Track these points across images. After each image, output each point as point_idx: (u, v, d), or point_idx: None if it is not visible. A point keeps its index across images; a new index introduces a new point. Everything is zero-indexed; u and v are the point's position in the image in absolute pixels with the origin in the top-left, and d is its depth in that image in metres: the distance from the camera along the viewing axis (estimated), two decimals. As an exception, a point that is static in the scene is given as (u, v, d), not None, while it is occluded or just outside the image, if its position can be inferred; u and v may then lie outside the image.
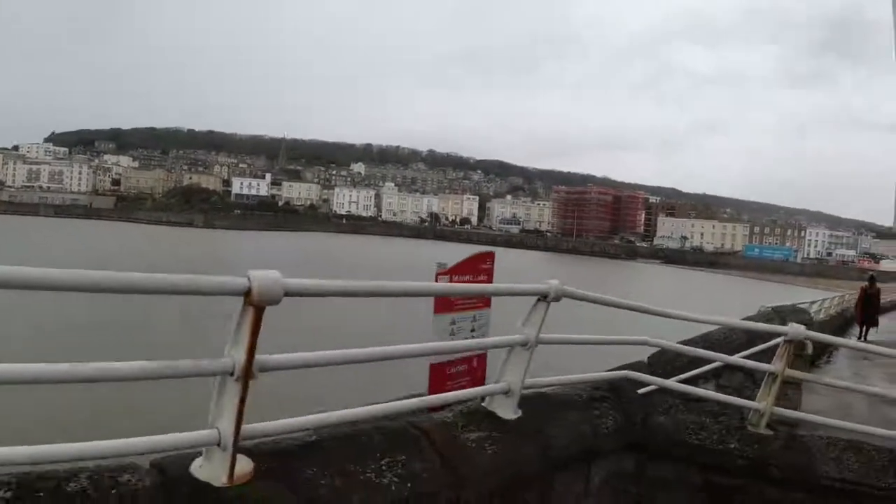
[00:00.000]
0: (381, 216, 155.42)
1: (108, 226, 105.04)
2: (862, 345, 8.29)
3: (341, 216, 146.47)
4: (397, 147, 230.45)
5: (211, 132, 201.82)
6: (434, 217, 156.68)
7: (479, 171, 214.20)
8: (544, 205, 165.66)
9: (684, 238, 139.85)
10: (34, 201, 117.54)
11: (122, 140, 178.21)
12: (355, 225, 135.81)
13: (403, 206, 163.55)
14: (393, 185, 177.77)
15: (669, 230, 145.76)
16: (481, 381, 5.48)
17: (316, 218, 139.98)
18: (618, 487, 3.37)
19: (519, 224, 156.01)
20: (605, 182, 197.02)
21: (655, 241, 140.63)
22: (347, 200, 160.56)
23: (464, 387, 5.53)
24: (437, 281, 5.06)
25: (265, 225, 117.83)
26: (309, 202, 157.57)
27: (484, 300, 5.30)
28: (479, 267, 5.31)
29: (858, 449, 3.47)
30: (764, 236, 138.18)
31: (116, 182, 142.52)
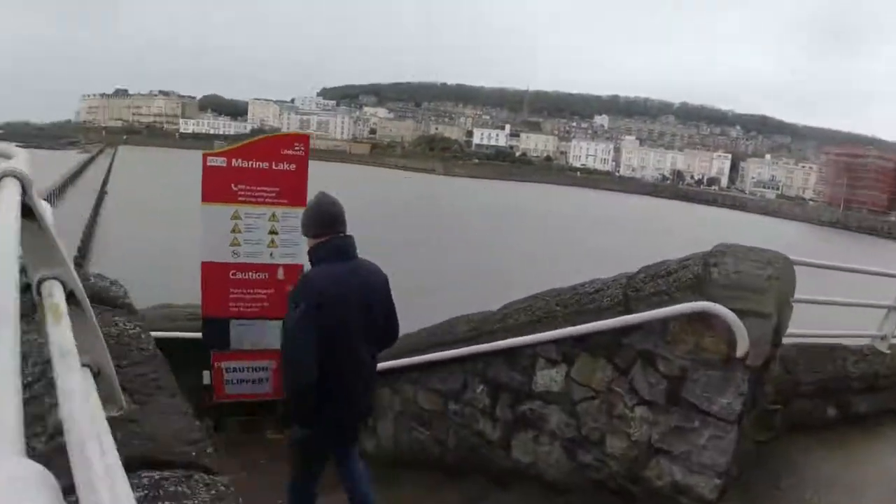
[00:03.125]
0: (618, 171, 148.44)
1: (362, 169, 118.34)
2: None
3: (575, 169, 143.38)
4: (646, 99, 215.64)
5: (460, 85, 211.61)
6: (677, 174, 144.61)
7: (738, 127, 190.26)
8: (810, 168, 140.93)
9: None
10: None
11: (381, 94, 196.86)
12: (589, 179, 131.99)
13: (644, 161, 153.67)
14: (634, 138, 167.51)
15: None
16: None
17: (550, 170, 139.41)
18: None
19: (777, 188, 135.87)
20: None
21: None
22: (584, 153, 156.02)
23: (257, 313, 4.78)
24: (205, 163, 4.49)
25: (499, 174, 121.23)
26: (545, 154, 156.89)
27: (293, 195, 4.58)
28: (279, 151, 4.57)
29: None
30: None
31: (373, 131, 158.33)
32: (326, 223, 2.77)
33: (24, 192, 1.36)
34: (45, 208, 1.49)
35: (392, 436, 4.28)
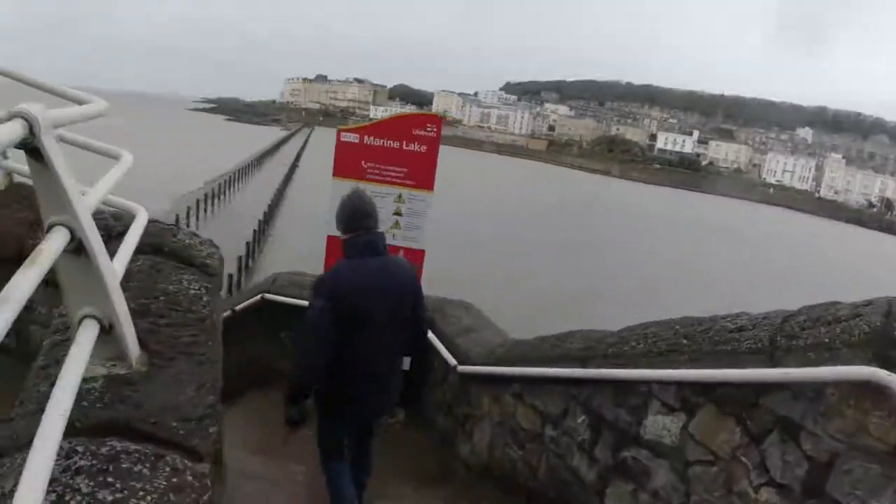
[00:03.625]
0: (818, 192, 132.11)
1: (537, 165, 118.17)
2: None
3: (769, 185, 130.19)
4: (858, 114, 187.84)
5: (648, 86, 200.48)
6: (886, 203, 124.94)
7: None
8: None
9: None
10: (481, 139, 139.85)
11: (564, 91, 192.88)
12: (783, 197, 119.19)
13: (850, 183, 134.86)
14: (840, 156, 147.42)
15: None
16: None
17: (739, 183, 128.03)
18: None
19: None
20: None
21: None
22: (781, 168, 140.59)
23: None
24: (338, 138, 4.49)
25: (680, 182, 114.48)
26: (736, 165, 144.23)
27: (421, 177, 4.45)
28: (410, 131, 4.44)
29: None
30: None
31: (551, 128, 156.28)
32: (356, 219, 2.83)
33: (32, 133, 1.25)
34: (56, 150, 1.37)
35: (487, 445, 3.93)
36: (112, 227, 2.50)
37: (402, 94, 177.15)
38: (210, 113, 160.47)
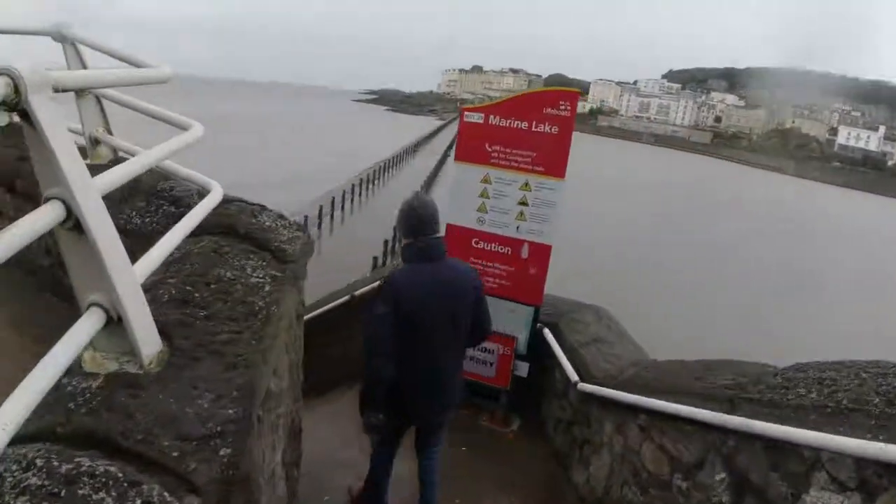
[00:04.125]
0: None
1: (700, 159, 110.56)
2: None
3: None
4: None
5: (828, 75, 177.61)
6: None
7: None
8: None
9: None
10: (639, 130, 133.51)
11: (734, 79, 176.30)
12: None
13: None
14: None
15: None
16: (535, 287, 4.30)
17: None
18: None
19: None
20: None
21: None
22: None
23: (494, 290, 4.19)
24: (462, 118, 4.16)
25: (863, 184, 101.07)
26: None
27: (551, 163, 4.03)
28: (541, 110, 4.00)
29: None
30: None
31: (718, 119, 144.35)
32: (413, 226, 2.77)
33: (18, 92, 1.05)
34: (50, 113, 1.12)
35: (605, 478, 3.39)
36: (194, 204, 2.34)
37: (558, 83, 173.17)
38: (372, 104, 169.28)
